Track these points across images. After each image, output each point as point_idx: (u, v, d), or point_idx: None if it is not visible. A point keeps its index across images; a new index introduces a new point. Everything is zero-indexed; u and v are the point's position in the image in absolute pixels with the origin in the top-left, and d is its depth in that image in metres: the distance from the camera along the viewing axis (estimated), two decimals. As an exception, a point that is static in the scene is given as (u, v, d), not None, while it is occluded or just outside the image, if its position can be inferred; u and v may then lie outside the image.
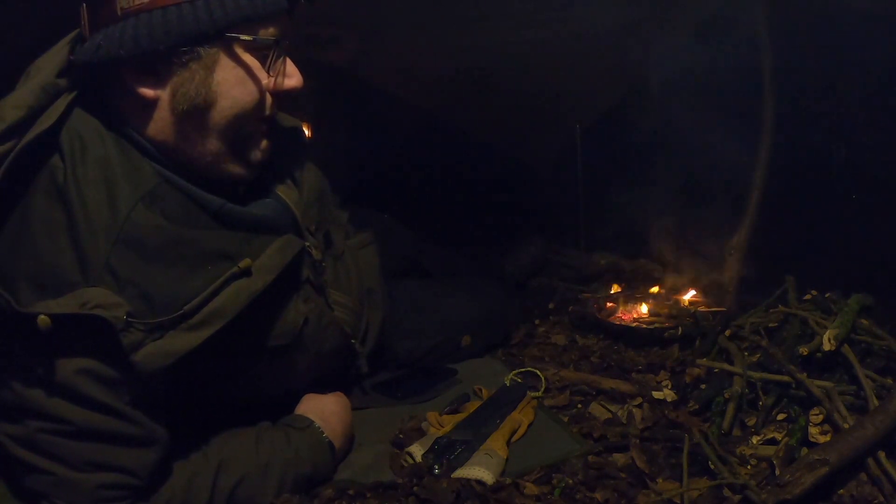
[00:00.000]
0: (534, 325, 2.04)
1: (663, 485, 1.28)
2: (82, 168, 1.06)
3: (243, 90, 1.14)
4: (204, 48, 1.09)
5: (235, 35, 1.10)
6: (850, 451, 1.22)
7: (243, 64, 1.13)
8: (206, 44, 1.09)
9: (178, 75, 1.10)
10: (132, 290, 1.04)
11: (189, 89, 1.10)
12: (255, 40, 1.12)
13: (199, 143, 1.15)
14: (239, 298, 1.12)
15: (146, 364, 1.03)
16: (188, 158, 1.16)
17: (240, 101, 1.14)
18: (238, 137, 1.17)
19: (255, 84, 1.15)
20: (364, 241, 1.65)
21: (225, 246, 1.14)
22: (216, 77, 1.11)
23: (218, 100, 1.12)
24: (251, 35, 1.11)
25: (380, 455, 1.37)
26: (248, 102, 1.15)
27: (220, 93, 1.12)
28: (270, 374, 1.28)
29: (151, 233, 1.07)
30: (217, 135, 1.15)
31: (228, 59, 1.12)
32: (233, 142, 1.17)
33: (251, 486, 1.18)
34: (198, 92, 1.10)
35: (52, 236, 1.04)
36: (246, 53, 1.13)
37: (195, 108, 1.11)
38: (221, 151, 1.16)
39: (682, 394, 1.56)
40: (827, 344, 1.48)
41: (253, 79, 1.14)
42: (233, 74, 1.12)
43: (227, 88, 1.12)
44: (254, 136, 1.20)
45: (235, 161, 1.19)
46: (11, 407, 1.04)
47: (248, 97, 1.14)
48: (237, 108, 1.14)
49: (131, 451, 1.07)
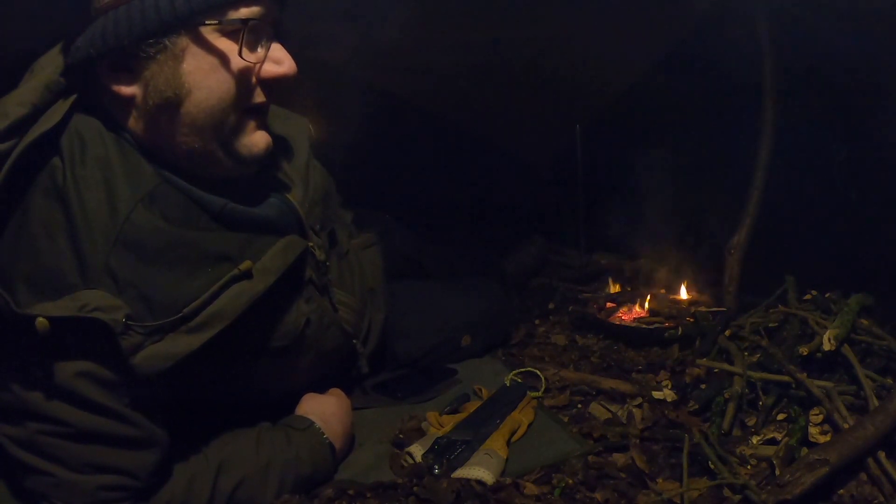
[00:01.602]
0: (534, 325, 2.04)
1: (663, 485, 1.28)
2: (82, 169, 1.06)
3: (218, 79, 1.08)
4: (170, 38, 1.05)
5: (201, 20, 1.05)
6: (850, 451, 1.22)
7: (215, 51, 1.08)
8: (171, 33, 1.05)
9: (149, 69, 1.06)
10: (132, 293, 1.04)
11: (159, 83, 1.07)
12: (221, 24, 1.06)
13: (182, 139, 1.11)
14: (240, 301, 1.11)
15: (145, 367, 1.02)
16: (175, 156, 1.13)
17: (215, 90, 1.09)
18: (222, 130, 1.12)
19: (230, 71, 1.09)
20: (368, 241, 1.64)
21: (225, 247, 1.13)
22: (185, 67, 1.07)
23: (192, 91, 1.08)
24: (217, 19, 1.06)
25: (380, 455, 1.37)
26: (226, 91, 1.09)
27: (192, 84, 1.07)
28: (271, 374, 1.28)
29: (151, 234, 1.07)
30: (198, 128, 1.10)
31: (198, 48, 1.07)
32: (217, 135, 1.12)
33: (251, 487, 1.18)
34: (167, 84, 1.07)
35: (52, 237, 1.03)
36: (220, 39, 1.08)
37: (168, 101, 1.07)
38: (207, 146, 1.12)
39: (682, 394, 1.56)
40: (827, 344, 1.49)
41: (228, 66, 1.09)
42: (205, 62, 1.07)
43: (200, 78, 1.08)
44: (241, 128, 1.14)
45: (225, 156, 1.14)
46: (11, 408, 1.04)
47: (225, 85, 1.09)
48: (213, 98, 1.09)
49: (131, 453, 1.07)
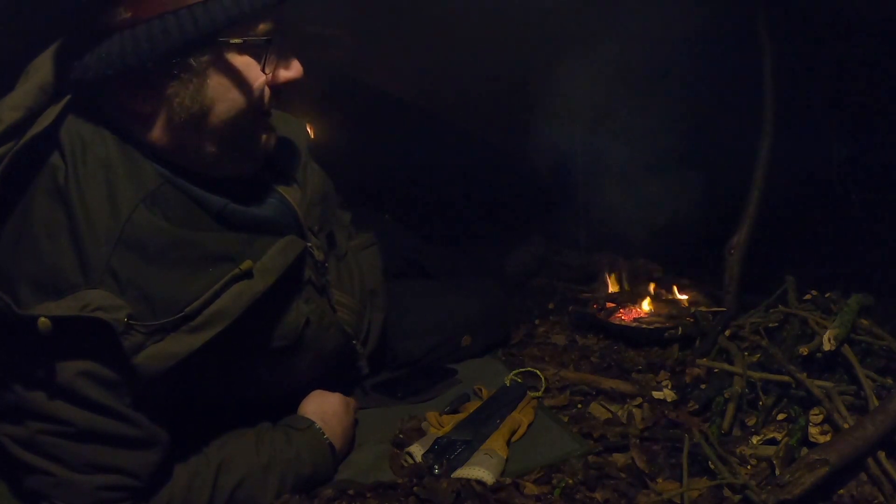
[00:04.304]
0: (534, 325, 2.03)
1: (663, 485, 1.28)
2: (83, 168, 1.05)
3: (240, 92, 1.12)
4: (194, 58, 1.06)
5: (225, 40, 1.07)
6: (850, 451, 1.22)
7: (237, 66, 1.11)
8: (195, 53, 1.06)
9: (172, 87, 1.07)
10: (133, 292, 1.04)
11: (184, 100, 1.08)
12: (245, 42, 1.09)
13: (201, 147, 1.14)
14: (240, 300, 1.11)
15: (147, 366, 1.02)
16: (189, 161, 1.15)
17: (238, 103, 1.12)
18: (239, 135, 1.16)
19: (251, 84, 1.12)
20: (366, 241, 1.64)
21: (226, 247, 1.14)
22: (210, 84, 1.09)
23: (215, 105, 1.11)
24: (241, 37, 1.09)
25: (380, 455, 1.37)
26: (248, 102, 1.13)
27: (216, 98, 1.10)
28: (270, 374, 1.27)
29: (153, 234, 1.07)
30: (218, 137, 1.14)
31: (221, 64, 1.09)
32: (234, 140, 1.16)
33: (251, 487, 1.18)
34: (193, 101, 1.09)
35: (53, 237, 1.03)
36: (241, 54, 1.11)
37: (193, 116, 1.10)
38: (224, 151, 1.16)
39: (682, 394, 1.56)
40: (827, 344, 1.49)
41: (249, 79, 1.12)
42: (227, 79, 1.10)
43: (223, 93, 1.10)
44: (255, 131, 1.19)
45: (240, 158, 1.19)
46: (12, 408, 1.04)
47: (246, 98, 1.13)
48: (235, 110, 1.12)
49: (132, 453, 1.07)
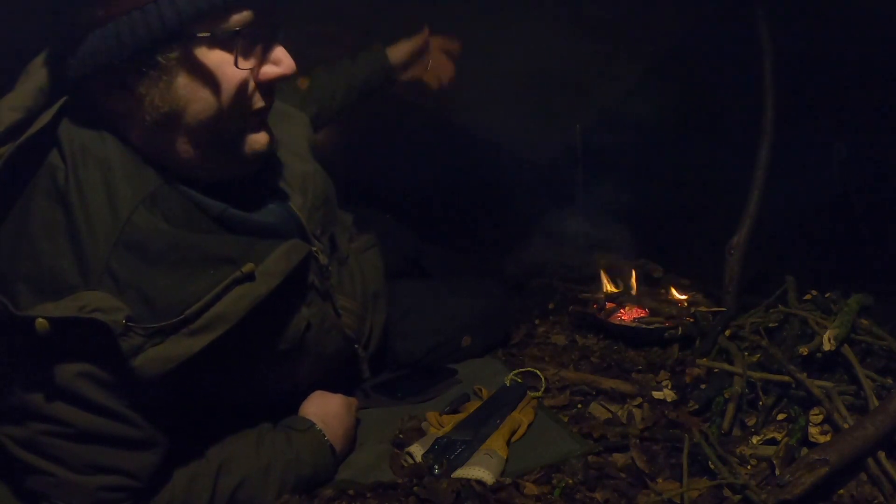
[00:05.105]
0: (534, 325, 2.03)
1: (663, 485, 1.28)
2: (83, 170, 1.05)
3: (214, 90, 1.06)
4: (162, 54, 1.02)
5: (193, 34, 1.02)
6: (850, 451, 1.22)
7: (209, 63, 1.05)
8: (162, 49, 1.02)
9: (143, 86, 1.04)
10: (133, 294, 1.03)
11: (154, 99, 1.04)
12: (214, 36, 1.03)
13: (180, 149, 1.10)
14: (241, 303, 1.10)
15: (146, 369, 1.02)
16: (172, 163, 1.11)
17: (212, 102, 1.07)
18: (220, 138, 1.11)
19: (227, 82, 1.06)
20: (367, 243, 1.63)
21: (228, 250, 1.12)
22: (180, 81, 1.04)
23: (189, 104, 1.06)
24: (209, 30, 1.02)
25: (380, 455, 1.37)
26: (224, 101, 1.07)
27: (189, 97, 1.05)
28: (271, 378, 1.27)
29: (152, 236, 1.06)
30: (196, 139, 1.09)
31: (191, 61, 1.04)
32: (215, 143, 1.11)
33: (252, 488, 1.18)
34: (163, 100, 1.05)
35: (52, 238, 1.02)
36: (212, 50, 1.05)
37: (165, 116, 1.06)
38: (206, 154, 1.11)
39: (682, 394, 1.56)
40: (827, 344, 1.49)
41: (222, 76, 1.06)
42: (199, 76, 1.05)
43: (195, 91, 1.05)
44: (244, 132, 1.13)
45: (226, 161, 1.14)
46: (12, 408, 1.04)
47: (222, 96, 1.07)
48: (210, 110, 1.07)
49: (132, 454, 1.06)
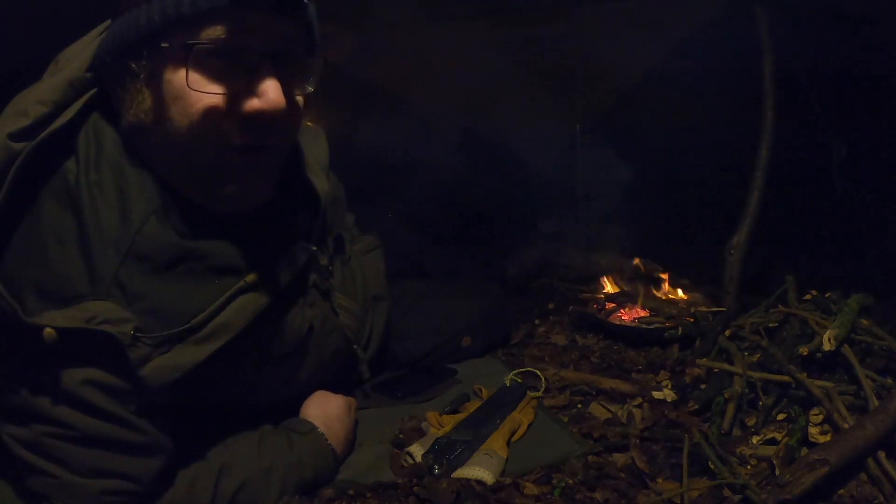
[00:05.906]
0: (534, 325, 2.04)
1: (663, 485, 1.28)
2: (96, 174, 1.03)
3: (178, 110, 0.98)
4: (135, 62, 0.99)
5: (163, 44, 0.96)
6: (850, 451, 1.22)
7: (175, 79, 0.97)
8: (134, 57, 0.99)
9: (121, 94, 1.03)
10: (140, 304, 1.03)
11: (132, 106, 1.02)
12: (178, 48, 0.95)
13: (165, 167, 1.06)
14: (245, 312, 1.11)
15: (154, 378, 1.02)
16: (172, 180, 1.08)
17: (178, 122, 0.99)
18: (197, 167, 1.04)
19: (189, 104, 0.98)
20: (369, 245, 1.63)
21: (232, 259, 1.12)
22: (151, 95, 1.00)
23: (161, 121, 1.01)
24: (177, 42, 0.95)
25: (380, 455, 1.37)
26: (191, 124, 0.99)
27: (159, 113, 1.00)
28: (272, 380, 1.27)
29: (162, 247, 1.05)
30: (172, 160, 1.05)
31: (161, 74, 0.98)
32: (193, 172, 1.05)
33: (253, 491, 1.17)
34: (139, 108, 1.01)
35: (62, 245, 1.01)
36: (180, 68, 0.97)
37: (141, 126, 1.02)
38: (190, 181, 1.07)
39: (682, 394, 1.56)
40: (827, 344, 1.49)
41: (187, 97, 0.98)
42: (167, 91, 0.98)
43: (164, 108, 0.99)
44: (225, 170, 1.04)
45: (206, 197, 1.09)
46: (18, 410, 1.04)
47: (187, 119, 0.99)
48: (181, 129, 0.99)
49: (135, 459, 1.06)
